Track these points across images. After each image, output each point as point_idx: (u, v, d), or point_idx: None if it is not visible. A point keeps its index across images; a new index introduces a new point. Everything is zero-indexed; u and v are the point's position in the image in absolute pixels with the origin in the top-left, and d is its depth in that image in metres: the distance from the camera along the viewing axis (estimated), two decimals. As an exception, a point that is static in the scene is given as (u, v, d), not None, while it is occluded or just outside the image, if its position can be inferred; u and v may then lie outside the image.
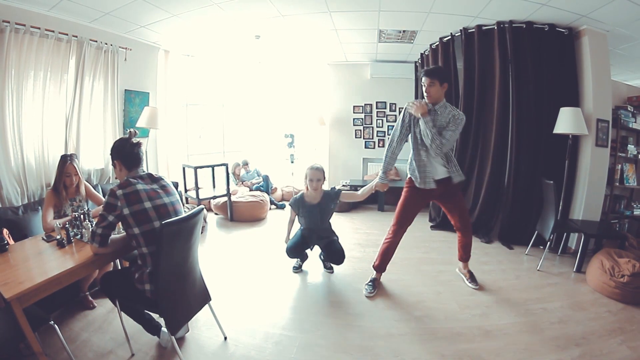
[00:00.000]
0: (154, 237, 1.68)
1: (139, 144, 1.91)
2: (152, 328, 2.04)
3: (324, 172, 2.94)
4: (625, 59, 4.27)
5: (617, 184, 4.01)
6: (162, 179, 1.95)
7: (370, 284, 2.78)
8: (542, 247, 3.51)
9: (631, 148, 4.09)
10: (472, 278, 2.90)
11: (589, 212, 3.59)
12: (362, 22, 3.94)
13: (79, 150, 3.54)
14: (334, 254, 2.97)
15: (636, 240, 3.66)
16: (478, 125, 4.16)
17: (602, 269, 2.81)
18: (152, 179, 1.90)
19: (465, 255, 2.92)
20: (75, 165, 2.58)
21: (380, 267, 2.84)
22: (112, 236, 1.82)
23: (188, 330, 2.18)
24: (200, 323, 2.27)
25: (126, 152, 1.86)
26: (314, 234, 3.00)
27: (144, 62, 4.35)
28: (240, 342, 2.10)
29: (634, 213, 4.22)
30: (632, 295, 2.61)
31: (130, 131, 1.96)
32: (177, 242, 1.74)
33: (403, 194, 2.75)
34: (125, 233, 1.82)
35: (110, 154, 1.90)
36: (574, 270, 3.21)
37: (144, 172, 1.90)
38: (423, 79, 2.50)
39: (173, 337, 1.79)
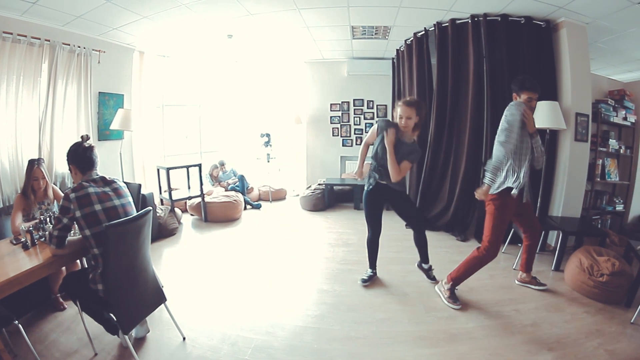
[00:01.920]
0: (103, 238, 1.75)
1: (91, 148, 2.00)
2: (111, 328, 2.11)
3: (417, 111, 2.48)
4: (606, 53, 4.22)
5: (598, 179, 4.01)
6: (115, 182, 2.02)
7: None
8: (520, 244, 3.45)
9: (613, 142, 4.07)
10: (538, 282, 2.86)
11: (569, 209, 3.57)
12: (332, 18, 3.96)
13: (53, 153, 3.59)
14: (415, 217, 2.82)
15: (618, 236, 3.64)
16: (452, 122, 4.15)
17: (580, 267, 2.78)
18: (105, 181, 1.97)
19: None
20: (43, 169, 2.65)
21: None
22: (70, 238, 1.92)
23: (149, 331, 2.23)
24: (162, 323, 2.33)
25: (79, 156, 1.95)
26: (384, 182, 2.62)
27: (118, 64, 4.39)
28: (198, 342, 2.15)
29: (616, 209, 4.21)
30: (611, 294, 2.58)
31: (82, 136, 2.06)
32: (124, 243, 1.83)
33: (496, 207, 2.47)
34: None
35: (66, 159, 1.99)
36: (552, 268, 3.19)
37: (97, 175, 1.98)
38: (532, 94, 2.53)
39: (126, 335, 1.86)
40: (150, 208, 2.04)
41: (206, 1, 3.30)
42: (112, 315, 2.11)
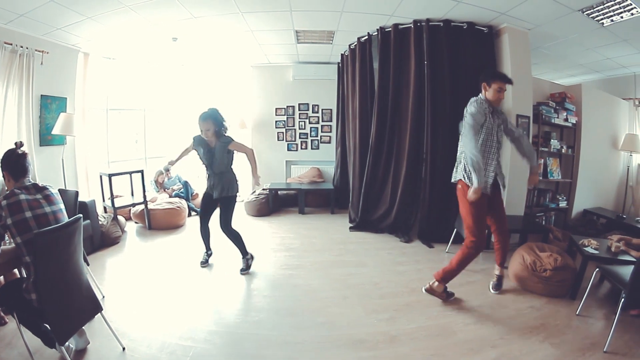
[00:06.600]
0: (33, 246, 1.78)
1: (24, 155, 2.04)
2: (49, 340, 2.12)
3: (213, 121, 3.29)
4: (549, 58, 4.53)
5: (541, 177, 4.27)
6: (47, 189, 2.06)
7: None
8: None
9: (554, 142, 4.37)
10: (499, 283, 2.91)
11: (512, 208, 3.81)
12: (275, 22, 4.05)
13: (-8, 161, 3.54)
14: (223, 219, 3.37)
15: (561, 232, 3.91)
16: (393, 125, 4.30)
17: (523, 264, 2.94)
18: (37, 188, 2.02)
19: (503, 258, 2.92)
20: None
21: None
22: (3, 247, 1.95)
23: (88, 342, 2.25)
24: (103, 334, 2.33)
25: (12, 163, 1.99)
26: (213, 177, 3.44)
27: (62, 65, 4.32)
28: (137, 352, 2.18)
29: (560, 205, 4.52)
30: (556, 288, 2.75)
31: (16, 142, 2.10)
32: (55, 251, 1.86)
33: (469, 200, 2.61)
34: None
35: None
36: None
37: (29, 182, 2.02)
38: (502, 84, 2.66)
39: (62, 347, 1.90)
40: (81, 215, 2.09)
41: (150, 3, 3.34)
42: (47, 326, 2.13)
